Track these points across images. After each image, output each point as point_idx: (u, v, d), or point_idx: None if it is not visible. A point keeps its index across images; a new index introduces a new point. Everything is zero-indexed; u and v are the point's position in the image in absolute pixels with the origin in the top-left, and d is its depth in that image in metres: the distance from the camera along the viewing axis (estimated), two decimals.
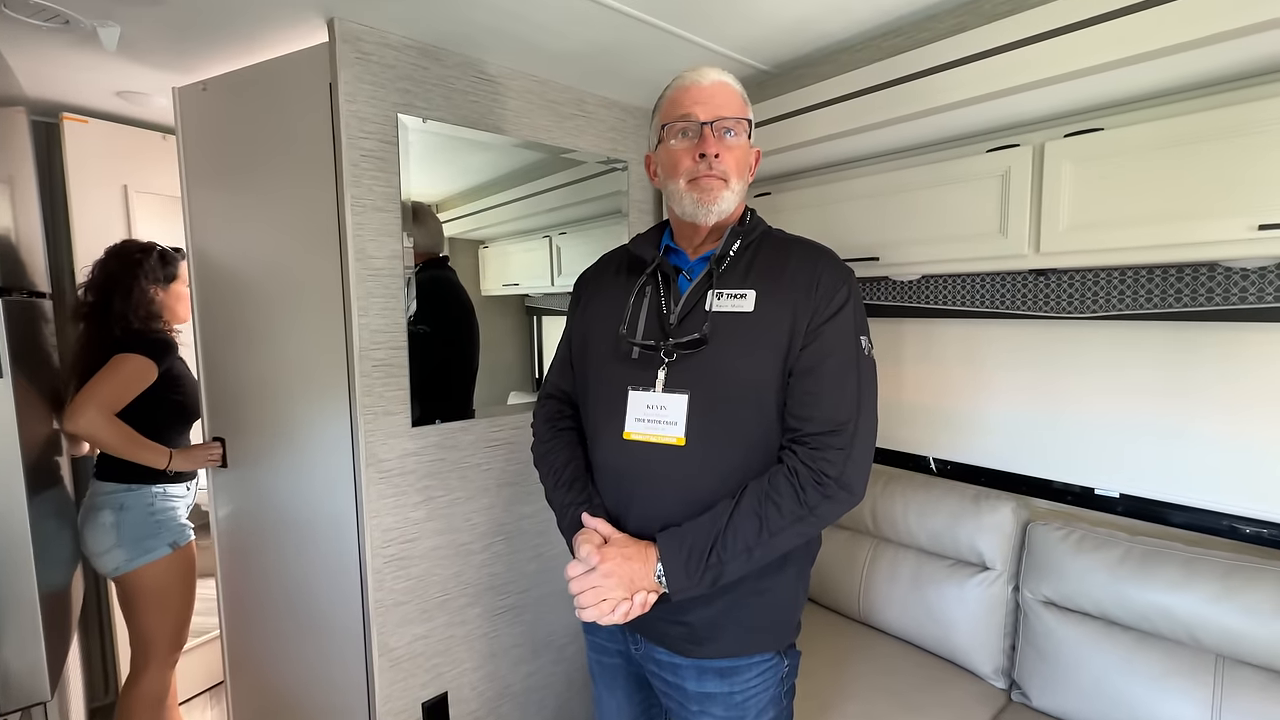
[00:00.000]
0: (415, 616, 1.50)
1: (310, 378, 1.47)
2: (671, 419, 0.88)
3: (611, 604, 0.83)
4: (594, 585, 0.83)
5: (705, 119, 0.90)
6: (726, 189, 0.92)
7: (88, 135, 1.92)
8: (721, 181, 0.91)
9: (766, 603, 0.93)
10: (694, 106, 0.91)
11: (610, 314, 0.98)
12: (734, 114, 0.92)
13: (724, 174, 0.91)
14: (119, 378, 1.53)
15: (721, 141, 0.91)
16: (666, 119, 0.94)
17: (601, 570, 0.84)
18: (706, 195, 0.91)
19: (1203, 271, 1.24)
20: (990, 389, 1.57)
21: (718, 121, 0.90)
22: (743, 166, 0.94)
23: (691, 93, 0.92)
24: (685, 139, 0.92)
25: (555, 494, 1.00)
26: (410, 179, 1.44)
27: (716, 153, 0.89)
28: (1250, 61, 1.01)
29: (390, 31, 1.37)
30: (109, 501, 1.60)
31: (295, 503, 1.53)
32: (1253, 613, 1.08)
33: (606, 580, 0.84)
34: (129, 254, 1.66)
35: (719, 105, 0.91)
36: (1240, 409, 1.23)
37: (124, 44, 1.42)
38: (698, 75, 0.93)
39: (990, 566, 1.44)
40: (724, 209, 0.93)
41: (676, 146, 0.93)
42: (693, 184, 0.91)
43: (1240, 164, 1.03)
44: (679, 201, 0.94)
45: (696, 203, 0.92)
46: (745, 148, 0.95)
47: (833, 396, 0.86)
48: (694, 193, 0.91)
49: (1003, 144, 1.32)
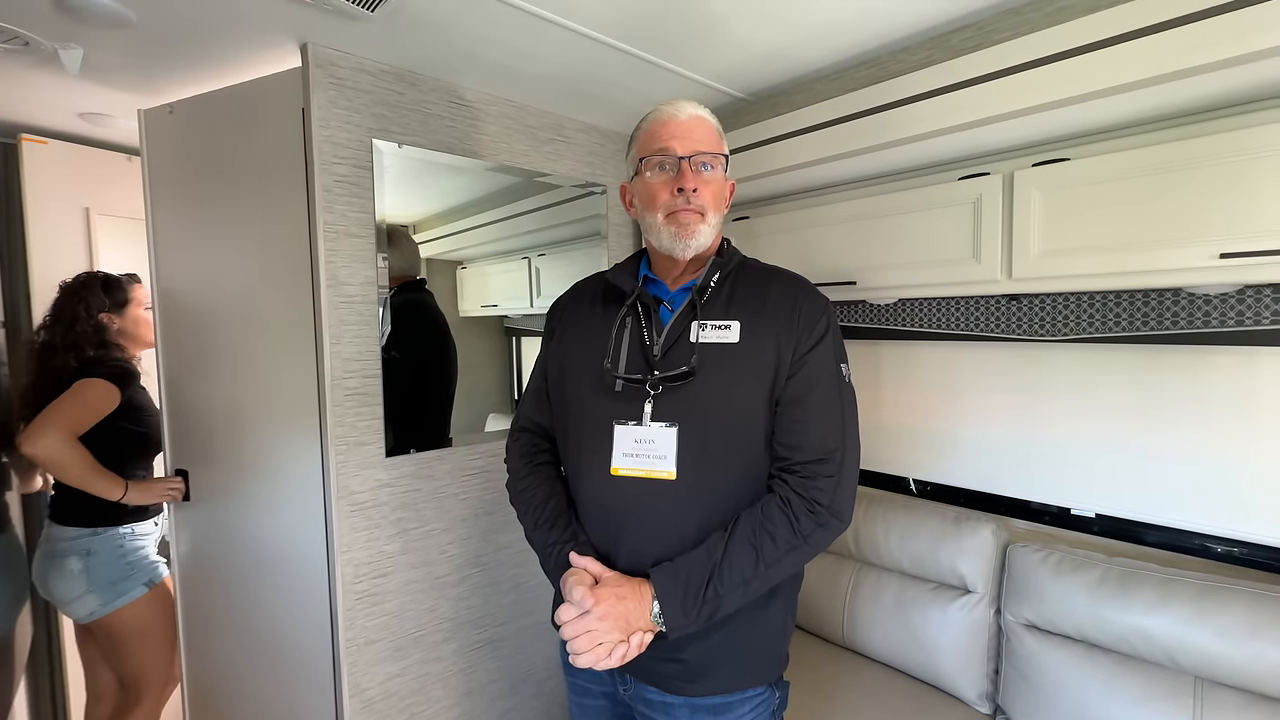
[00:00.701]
0: (388, 655, 1.44)
1: (279, 407, 1.42)
2: (661, 453, 0.87)
3: (608, 648, 0.80)
4: (589, 629, 0.80)
5: (683, 153, 0.90)
6: (704, 223, 0.92)
7: (47, 156, 1.86)
8: (699, 216, 0.91)
9: (758, 635, 0.92)
10: (671, 140, 0.91)
11: (590, 346, 0.97)
12: (711, 149, 0.92)
13: (701, 208, 0.91)
14: (82, 401, 1.49)
15: (699, 176, 0.91)
16: (644, 152, 0.94)
17: (596, 614, 0.80)
18: (684, 230, 0.91)
19: (1168, 296, 1.28)
20: (967, 410, 1.59)
21: (695, 156, 0.90)
22: (719, 200, 0.95)
23: (669, 126, 0.92)
24: (663, 173, 0.92)
25: (537, 533, 0.97)
26: (385, 201, 1.41)
27: (694, 187, 0.90)
28: (1211, 96, 1.05)
29: (365, 57, 1.35)
30: (74, 548, 1.54)
31: (262, 538, 1.47)
32: (1226, 634, 1.10)
33: (601, 624, 0.80)
34: (72, 286, 1.63)
35: (696, 140, 0.91)
36: (1206, 430, 1.26)
37: (88, 66, 1.38)
38: (674, 110, 0.93)
39: (972, 589, 1.44)
40: (701, 243, 0.93)
41: (654, 180, 0.93)
42: (671, 218, 0.91)
43: (1203, 194, 1.06)
44: (657, 235, 0.94)
45: (674, 237, 0.91)
46: (721, 181, 0.95)
47: (820, 425, 0.87)
48: (672, 227, 0.91)
49: (973, 172, 1.35)
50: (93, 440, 1.51)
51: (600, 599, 0.81)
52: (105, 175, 1.98)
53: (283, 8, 1.15)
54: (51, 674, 1.97)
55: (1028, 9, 1.18)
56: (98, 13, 1.15)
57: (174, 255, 1.55)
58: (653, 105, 0.98)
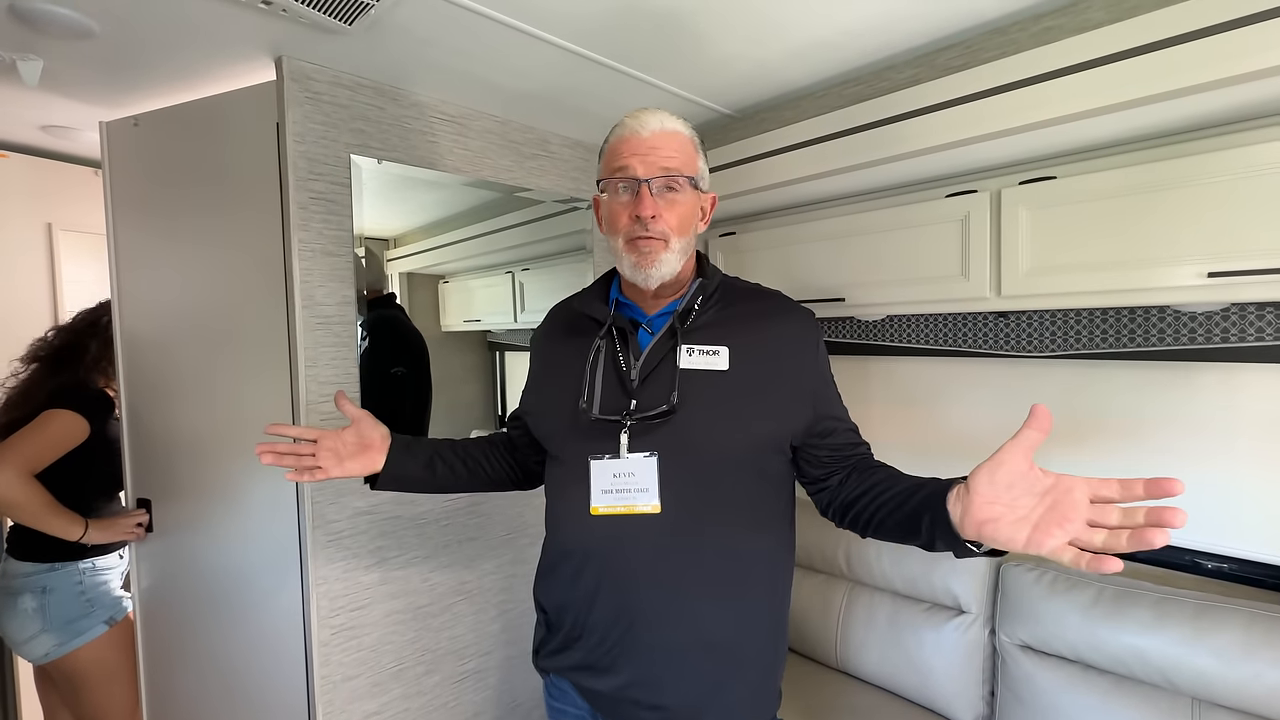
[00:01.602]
0: (366, 691, 1.38)
1: (250, 434, 1.36)
2: (642, 485, 0.82)
3: None
4: None
5: (644, 175, 0.82)
6: (666, 251, 0.84)
7: (8, 170, 1.79)
8: (661, 243, 0.84)
9: (749, 673, 0.87)
10: (631, 159, 0.83)
11: (564, 382, 0.91)
12: (677, 168, 0.84)
13: (663, 234, 0.83)
14: (44, 435, 1.41)
15: (663, 197, 0.84)
16: (605, 172, 0.87)
17: None
18: (644, 259, 0.83)
19: (1154, 313, 1.28)
20: (955, 426, 1.58)
21: (657, 179, 0.83)
22: (687, 223, 0.86)
23: (630, 143, 0.84)
24: (623, 194, 0.85)
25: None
26: (363, 216, 1.37)
27: (653, 214, 0.82)
28: (1197, 116, 1.05)
29: (343, 71, 1.31)
30: (29, 584, 1.45)
31: (231, 572, 1.40)
32: (1223, 655, 1.09)
33: None
34: (92, 316, 1.60)
35: (660, 158, 0.83)
36: (1193, 446, 1.26)
37: (50, 78, 1.32)
38: (638, 124, 0.85)
39: (966, 610, 1.42)
40: (665, 272, 0.85)
41: (614, 203, 0.86)
42: (631, 245, 0.84)
43: (1189, 213, 1.06)
44: (619, 261, 0.88)
45: (635, 266, 0.85)
46: (690, 202, 0.87)
47: (846, 414, 0.94)
48: (632, 255, 0.84)
49: (961, 189, 1.35)
50: (59, 473, 1.43)
51: None
52: (69, 190, 1.90)
53: (256, 20, 1.11)
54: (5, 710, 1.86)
55: (1014, 29, 1.18)
56: (57, 22, 1.09)
57: (137, 274, 1.49)
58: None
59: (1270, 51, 0.89)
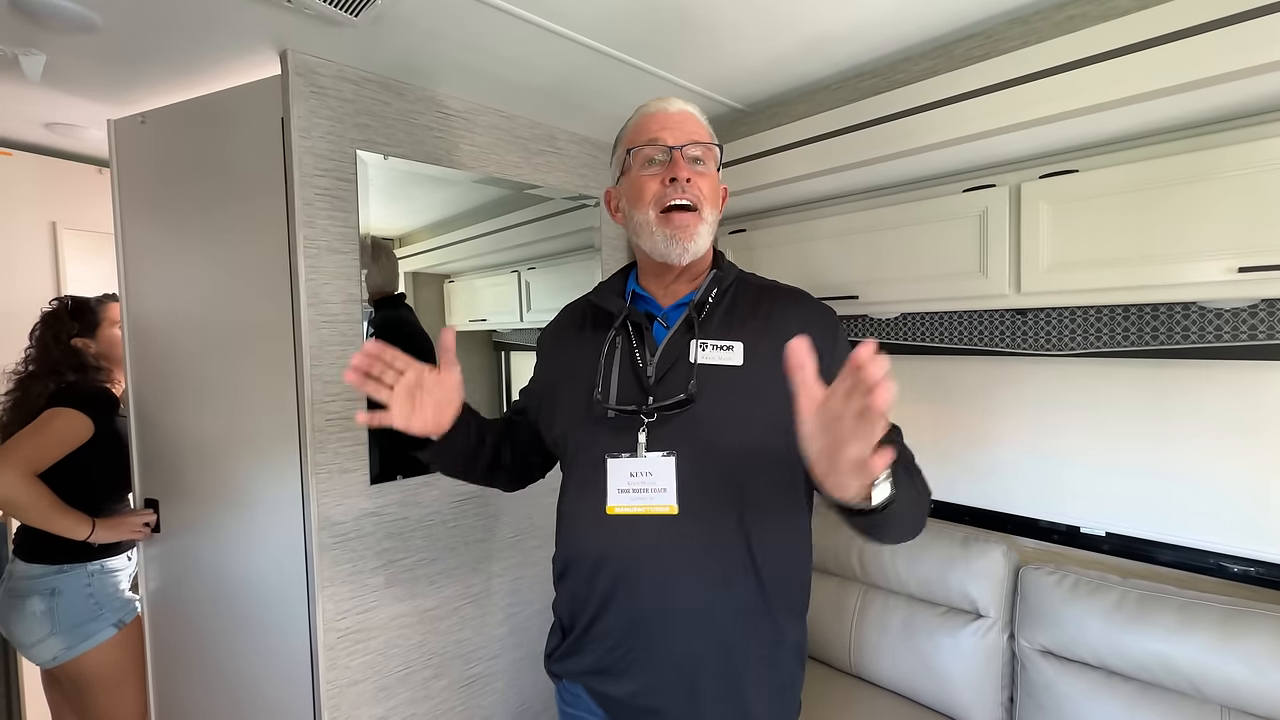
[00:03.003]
0: (372, 696, 1.35)
1: (257, 433, 1.34)
2: (660, 485, 0.80)
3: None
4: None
5: (675, 143, 0.84)
6: (702, 223, 0.85)
7: (12, 168, 1.78)
8: (695, 215, 0.84)
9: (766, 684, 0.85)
10: (661, 131, 0.85)
11: (579, 375, 0.89)
12: (705, 139, 0.87)
13: (697, 200, 0.84)
14: (46, 434, 1.39)
15: (692, 169, 0.85)
16: (633, 144, 0.88)
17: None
18: (682, 232, 0.83)
19: (1178, 310, 1.25)
20: (972, 426, 1.55)
21: (688, 146, 0.85)
22: (715, 197, 0.88)
23: (658, 119, 0.87)
24: (654, 165, 0.86)
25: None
26: (370, 214, 1.35)
27: (689, 177, 0.83)
28: (1225, 106, 1.02)
29: (348, 65, 1.29)
30: (37, 586, 1.43)
31: (238, 573, 1.38)
32: (1253, 662, 1.05)
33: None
34: (43, 316, 1.57)
35: (688, 131, 0.86)
36: (1218, 446, 1.22)
37: (52, 74, 1.31)
38: (663, 103, 0.88)
39: (984, 614, 1.39)
40: (699, 248, 0.85)
41: (644, 174, 0.86)
42: (664, 218, 0.83)
43: (1217, 207, 1.03)
44: (649, 236, 0.85)
45: (670, 239, 0.83)
46: (716, 178, 0.89)
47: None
48: (666, 229, 0.83)
49: (979, 184, 1.32)
50: (64, 472, 1.42)
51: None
52: (74, 188, 1.89)
53: (260, 11, 1.09)
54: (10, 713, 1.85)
55: (1036, 18, 1.15)
56: (59, 15, 1.07)
57: (145, 272, 1.47)
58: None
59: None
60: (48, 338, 1.53)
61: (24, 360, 1.55)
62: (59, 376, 1.51)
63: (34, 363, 1.53)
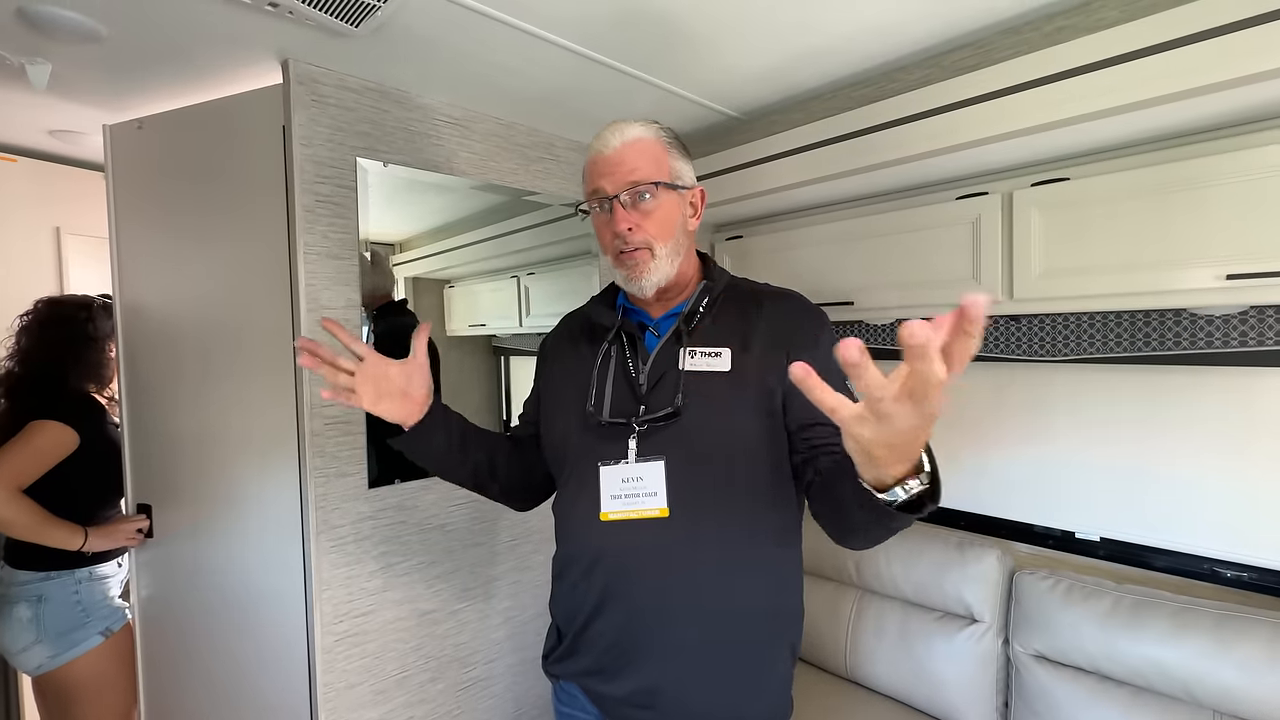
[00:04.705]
0: (369, 699, 1.36)
1: (253, 437, 1.35)
2: (651, 489, 0.82)
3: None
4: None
5: (612, 191, 0.85)
6: (653, 259, 0.86)
7: (16, 175, 1.79)
8: (645, 253, 0.85)
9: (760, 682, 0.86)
10: (600, 180, 0.86)
11: (574, 387, 0.92)
12: (645, 177, 0.85)
13: (645, 243, 0.85)
14: (30, 449, 1.38)
15: (637, 209, 0.85)
16: (584, 193, 0.91)
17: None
18: (633, 271, 0.86)
19: (1169, 316, 1.26)
20: (966, 431, 1.56)
21: (626, 192, 0.84)
22: (668, 226, 0.87)
23: (597, 164, 0.87)
24: (602, 212, 0.87)
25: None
26: (369, 221, 1.37)
27: (629, 226, 0.84)
28: (1214, 116, 1.04)
29: (349, 74, 1.31)
30: (24, 593, 1.43)
31: (233, 578, 1.38)
32: (1246, 667, 1.06)
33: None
34: (71, 314, 1.53)
35: (626, 171, 0.84)
36: (1211, 452, 1.23)
37: (58, 82, 1.33)
38: (601, 144, 0.87)
39: (979, 619, 1.39)
40: (657, 279, 0.87)
41: (598, 222, 0.89)
42: (618, 260, 0.87)
43: (1207, 215, 1.05)
44: (615, 275, 0.90)
45: (627, 279, 0.87)
46: (669, 205, 0.87)
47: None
48: (621, 270, 0.87)
49: (972, 191, 1.33)
50: (52, 484, 1.40)
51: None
52: (77, 194, 1.91)
53: (263, 22, 1.11)
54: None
55: (1026, 29, 1.17)
56: (66, 27, 1.09)
57: (140, 276, 1.48)
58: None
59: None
60: (88, 331, 1.51)
61: (20, 361, 1.49)
62: (81, 385, 1.49)
63: (50, 365, 1.47)
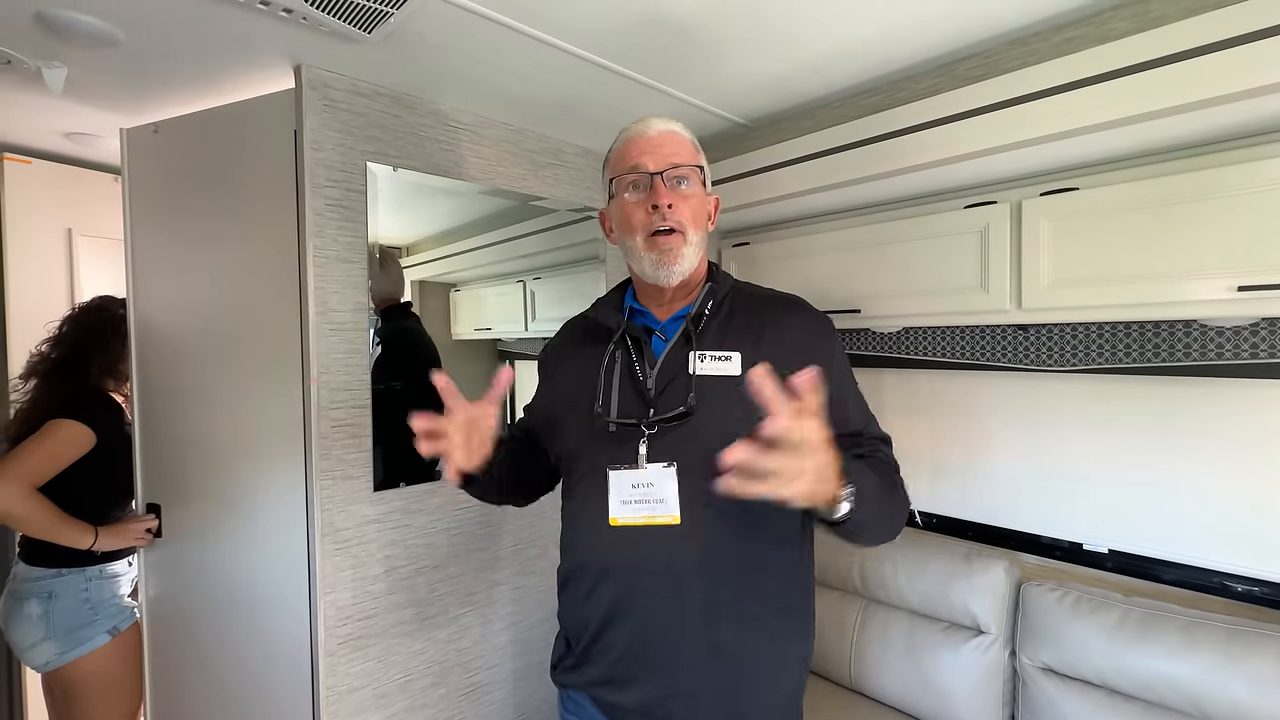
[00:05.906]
0: (371, 703, 1.35)
1: (261, 440, 1.36)
2: (661, 495, 0.81)
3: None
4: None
5: (655, 169, 0.85)
6: (685, 245, 0.86)
7: (30, 176, 1.81)
8: (680, 237, 0.85)
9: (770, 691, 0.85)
10: (641, 157, 0.86)
11: (580, 390, 0.90)
12: (686, 161, 0.87)
13: (680, 224, 0.85)
14: (47, 446, 1.39)
15: (675, 191, 0.86)
16: (615, 172, 0.90)
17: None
18: (667, 256, 0.85)
19: (1179, 327, 1.25)
20: (974, 441, 1.55)
21: (669, 170, 0.85)
22: (700, 216, 0.89)
23: (639, 143, 0.88)
24: (636, 192, 0.87)
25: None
26: (378, 224, 1.37)
27: (670, 203, 0.84)
28: (1223, 127, 1.03)
29: (361, 79, 1.32)
30: (35, 589, 1.44)
31: (239, 579, 1.38)
32: (1258, 683, 1.05)
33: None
34: (107, 304, 1.58)
35: (668, 154, 0.86)
36: (1221, 464, 1.22)
37: (73, 86, 1.34)
38: (643, 126, 0.89)
39: (985, 630, 1.38)
40: (686, 268, 0.87)
41: (629, 201, 0.88)
42: (650, 243, 0.86)
43: (1218, 226, 1.04)
44: (639, 260, 0.88)
45: (657, 264, 0.86)
46: (701, 196, 0.90)
47: (867, 421, 0.91)
48: (653, 253, 0.86)
49: (980, 200, 1.33)
50: (67, 482, 1.42)
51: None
52: (90, 196, 1.93)
53: (277, 29, 1.12)
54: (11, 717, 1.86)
55: (1035, 39, 1.17)
56: (83, 32, 1.11)
57: (153, 278, 1.49)
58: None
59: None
60: (117, 324, 1.53)
61: (57, 345, 1.53)
62: (102, 379, 1.51)
63: (79, 354, 1.51)
